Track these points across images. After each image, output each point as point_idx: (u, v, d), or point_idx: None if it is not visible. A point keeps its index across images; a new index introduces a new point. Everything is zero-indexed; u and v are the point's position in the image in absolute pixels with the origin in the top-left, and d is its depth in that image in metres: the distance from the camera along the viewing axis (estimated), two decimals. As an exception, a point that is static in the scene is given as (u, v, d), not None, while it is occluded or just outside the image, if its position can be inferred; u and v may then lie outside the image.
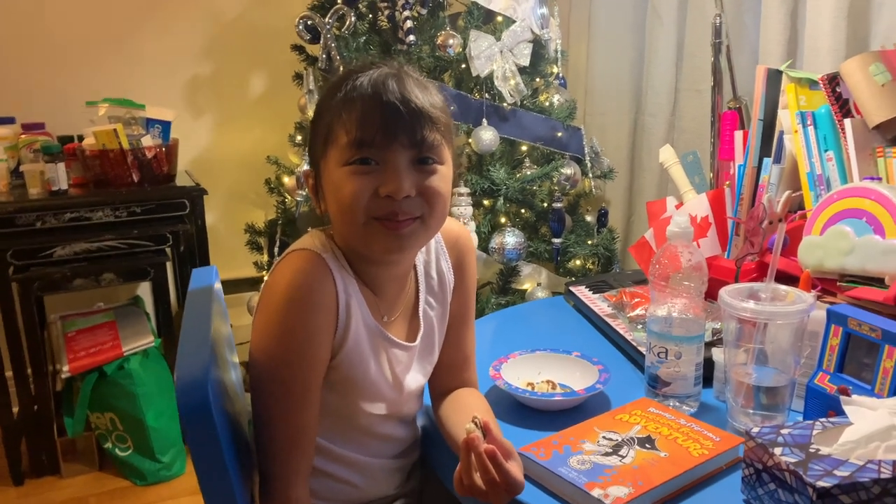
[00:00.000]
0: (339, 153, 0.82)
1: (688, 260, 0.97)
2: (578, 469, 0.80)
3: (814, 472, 0.68)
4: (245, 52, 2.48)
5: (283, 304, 0.82)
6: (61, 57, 2.28)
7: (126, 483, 2.04)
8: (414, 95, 0.81)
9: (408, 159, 0.82)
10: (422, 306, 0.96)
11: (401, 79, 0.82)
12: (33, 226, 1.92)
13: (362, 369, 0.88)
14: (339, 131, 0.82)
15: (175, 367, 0.72)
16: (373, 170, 0.81)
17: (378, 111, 0.80)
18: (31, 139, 2.05)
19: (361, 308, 0.88)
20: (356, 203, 0.81)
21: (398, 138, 0.80)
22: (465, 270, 1.00)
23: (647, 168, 2.35)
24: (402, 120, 0.80)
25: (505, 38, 1.93)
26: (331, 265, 0.85)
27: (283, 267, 0.85)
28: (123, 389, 1.99)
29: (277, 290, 0.82)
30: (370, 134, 0.80)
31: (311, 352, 0.83)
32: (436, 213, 0.85)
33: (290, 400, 0.84)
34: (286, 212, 2.13)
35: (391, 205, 0.81)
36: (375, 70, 0.83)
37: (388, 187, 0.80)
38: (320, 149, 0.85)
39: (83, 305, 2.22)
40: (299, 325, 0.82)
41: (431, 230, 0.87)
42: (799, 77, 1.26)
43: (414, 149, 0.82)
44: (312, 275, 0.83)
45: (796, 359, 0.91)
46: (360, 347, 0.88)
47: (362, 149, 0.81)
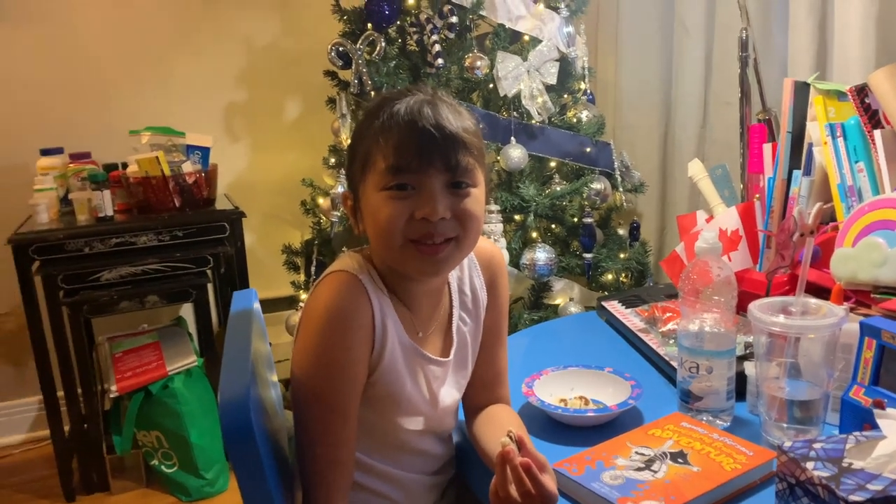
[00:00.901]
0: (376, 178, 0.85)
1: (717, 274, 0.98)
2: (611, 484, 0.81)
3: (846, 486, 0.69)
4: (279, 79, 2.55)
5: (321, 325, 0.85)
6: (105, 89, 2.38)
7: (172, 499, 2.10)
8: (448, 122, 0.84)
9: (442, 183, 0.85)
10: (455, 322, 0.99)
11: (435, 105, 0.85)
12: (81, 251, 2.00)
13: (399, 386, 0.91)
14: (376, 157, 0.85)
15: (219, 388, 0.75)
16: (409, 195, 0.84)
17: (414, 138, 0.83)
18: (78, 168, 2.14)
19: (396, 326, 0.91)
20: (393, 227, 0.84)
21: (433, 163, 0.84)
22: (497, 289, 1.03)
23: (678, 180, 2.35)
24: (437, 146, 0.83)
25: (531, 57, 1.96)
26: (367, 286, 0.88)
27: (321, 288, 0.88)
28: (168, 408, 2.05)
29: (316, 311, 0.86)
30: (406, 160, 0.83)
31: (349, 370, 0.86)
32: (469, 235, 0.88)
33: (329, 417, 0.87)
34: (321, 232, 2.18)
35: (426, 227, 0.84)
36: (411, 97, 0.86)
37: (423, 210, 0.84)
38: (359, 174, 0.89)
39: (129, 327, 2.29)
40: (337, 344, 0.85)
41: (465, 251, 0.90)
42: (827, 89, 1.26)
43: (448, 173, 0.85)
44: (349, 295, 0.87)
45: (829, 372, 0.91)
46: (396, 365, 0.90)
47: (399, 174, 0.84)
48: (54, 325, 2.00)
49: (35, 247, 1.95)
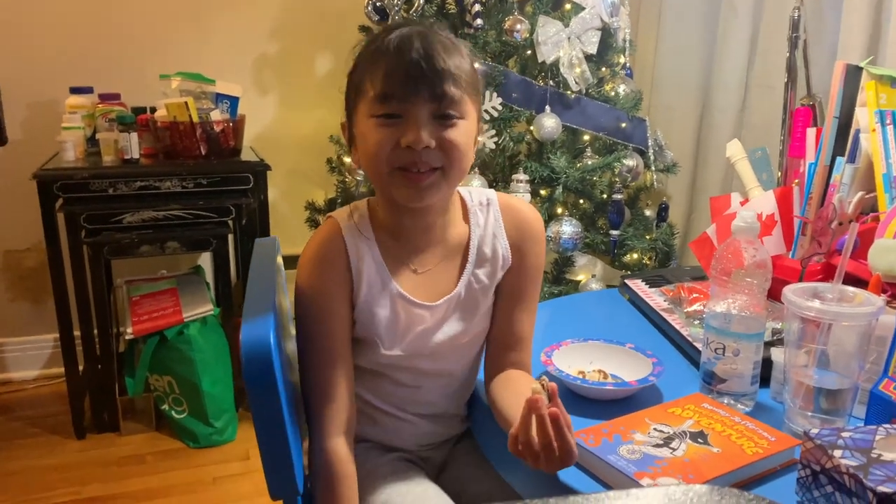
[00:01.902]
0: (366, 105, 0.88)
1: (752, 256, 0.95)
2: (628, 458, 0.79)
3: (875, 476, 0.67)
4: (313, 32, 2.51)
5: (301, 271, 0.94)
6: (138, 31, 2.36)
7: (180, 444, 2.12)
8: (436, 52, 0.86)
9: (428, 112, 0.87)
10: (465, 277, 0.99)
11: (426, 36, 0.87)
12: (106, 192, 2.00)
13: (374, 325, 0.95)
14: (367, 85, 0.88)
15: (241, 323, 0.74)
16: (396, 122, 0.87)
17: (402, 66, 0.85)
18: (106, 109, 2.13)
19: (379, 267, 0.95)
20: (380, 153, 0.87)
21: (420, 92, 0.85)
22: (525, 252, 1.01)
23: (711, 164, 2.30)
24: (424, 75, 0.85)
25: (573, 24, 1.91)
26: (346, 230, 0.94)
27: (310, 238, 0.96)
28: (182, 354, 2.06)
29: (300, 260, 0.95)
30: (393, 88, 0.85)
31: (327, 305, 0.92)
32: (455, 165, 0.89)
33: (318, 357, 0.93)
34: (346, 191, 2.16)
35: (411, 155, 0.87)
36: (406, 28, 0.88)
37: (407, 138, 0.86)
38: (352, 101, 0.92)
39: (147, 272, 2.30)
40: (315, 286, 0.93)
41: (452, 181, 0.91)
42: (880, 74, 1.21)
43: (435, 102, 0.86)
44: (323, 241, 0.94)
45: (860, 363, 0.89)
46: (372, 305, 0.94)
47: (386, 102, 0.86)
48: (74, 264, 2.01)
49: (60, 184, 1.96)
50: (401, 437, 1.05)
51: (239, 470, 2.01)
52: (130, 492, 1.90)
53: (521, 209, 1.02)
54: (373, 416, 1.03)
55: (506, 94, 1.90)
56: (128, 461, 2.04)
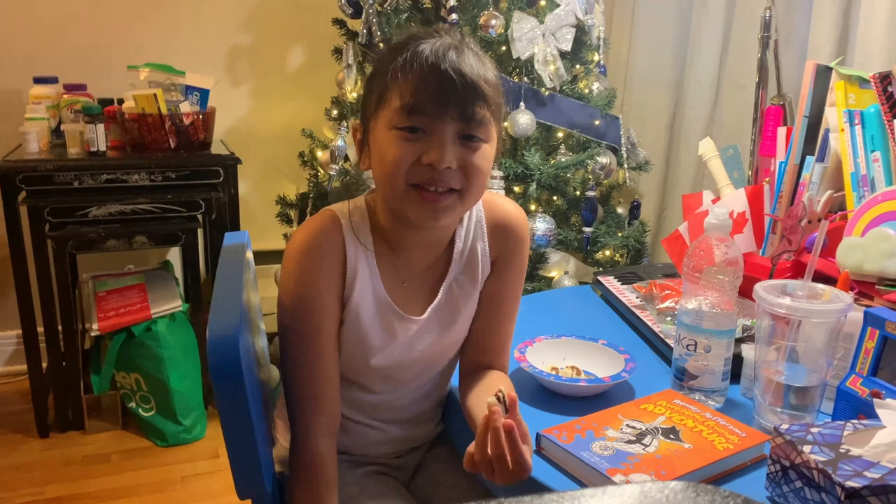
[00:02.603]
0: (389, 115, 0.84)
1: (723, 253, 0.96)
2: (601, 454, 0.79)
3: (843, 472, 0.67)
4: (286, 25, 2.48)
5: (293, 259, 0.88)
6: (105, 20, 2.31)
7: (147, 443, 2.09)
8: (470, 69, 0.82)
9: (454, 132, 0.83)
10: (447, 282, 0.96)
11: (461, 51, 0.83)
12: (71, 185, 1.95)
13: (361, 333, 0.92)
14: (392, 94, 0.83)
15: (208, 318, 0.72)
16: (419, 138, 0.83)
17: (433, 80, 0.81)
18: (72, 100, 2.08)
19: (373, 276, 0.91)
20: (398, 168, 0.83)
21: (448, 110, 0.82)
22: (508, 258, 0.98)
23: (683, 162, 2.32)
24: (456, 92, 0.81)
25: (548, 21, 1.91)
26: (346, 227, 0.90)
27: (301, 226, 0.92)
28: (150, 351, 2.02)
29: (291, 247, 0.89)
30: (422, 102, 0.81)
31: (319, 303, 0.88)
32: (473, 189, 0.86)
33: (304, 350, 0.89)
34: (318, 186, 2.14)
35: (430, 173, 0.83)
36: (438, 39, 0.84)
37: (430, 156, 0.82)
38: (372, 107, 0.87)
39: (114, 267, 2.26)
40: (306, 277, 0.88)
41: (467, 204, 0.88)
42: (849, 74, 1.22)
43: (462, 122, 0.83)
44: (322, 232, 0.89)
45: (829, 360, 0.90)
46: (361, 313, 0.91)
47: (412, 115, 0.82)
48: (38, 258, 1.96)
49: (23, 176, 1.91)
50: (372, 444, 1.02)
51: (208, 468, 1.98)
52: (95, 491, 1.86)
53: (506, 209, 0.99)
54: (342, 425, 0.98)
55: (480, 89, 1.89)
56: (93, 460, 1.99)
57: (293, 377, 0.90)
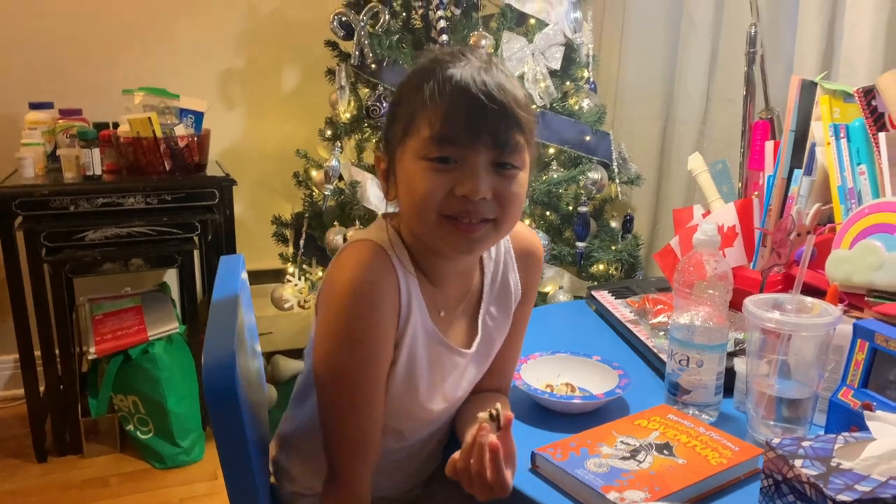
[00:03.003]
0: (418, 145, 0.79)
1: (713, 268, 0.97)
2: (595, 472, 0.80)
3: (835, 485, 0.68)
4: (279, 46, 2.51)
5: (346, 299, 0.80)
6: (100, 45, 2.33)
7: (146, 465, 2.08)
8: (503, 95, 0.77)
9: (488, 161, 0.79)
10: (482, 314, 0.93)
11: (490, 73, 0.78)
12: (67, 209, 1.96)
13: (417, 369, 0.87)
14: (421, 122, 0.79)
15: (203, 348, 0.73)
16: (451, 168, 0.78)
17: (464, 107, 0.77)
18: (67, 125, 2.09)
19: (420, 307, 0.86)
20: (430, 201, 0.78)
21: (481, 138, 0.77)
22: (530, 284, 0.98)
23: (674, 176, 2.34)
24: (487, 118, 0.77)
25: (537, 40, 1.93)
26: (394, 260, 0.83)
27: (345, 259, 0.83)
28: (147, 373, 2.02)
29: (341, 284, 0.80)
30: (454, 130, 0.77)
31: (376, 347, 0.82)
32: (508, 219, 0.82)
33: (356, 398, 0.83)
34: (313, 205, 2.15)
35: (465, 204, 0.78)
36: (465, 62, 0.79)
37: (464, 188, 0.78)
38: (398, 137, 0.82)
39: (111, 290, 2.26)
40: (364, 320, 0.80)
41: (502, 234, 0.85)
42: (833, 89, 1.24)
43: (496, 150, 0.78)
44: (376, 267, 0.81)
45: (820, 372, 0.91)
46: (417, 348, 0.86)
47: (443, 145, 0.77)
48: (35, 282, 1.96)
49: (19, 201, 1.91)
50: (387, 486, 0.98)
51: (206, 490, 1.98)
52: (94, 516, 1.86)
53: (528, 237, 0.97)
54: None
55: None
56: (91, 484, 1.99)
57: (341, 424, 0.84)
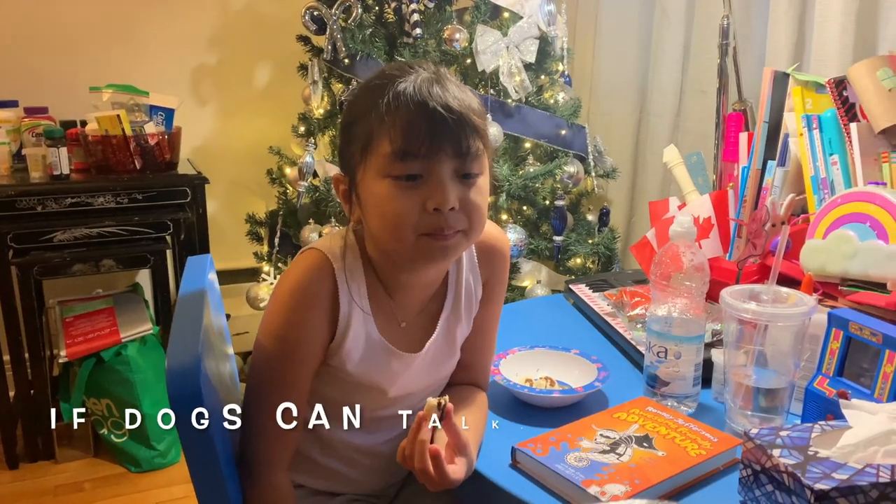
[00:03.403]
0: (380, 162, 0.79)
1: (690, 260, 0.97)
2: (576, 466, 0.80)
3: (812, 474, 0.68)
4: (250, 42, 2.47)
5: (283, 301, 0.85)
6: (66, 41, 2.27)
7: (121, 469, 2.04)
8: (457, 103, 0.79)
9: (451, 170, 0.80)
10: (444, 316, 0.94)
11: (443, 85, 0.80)
12: (34, 210, 1.92)
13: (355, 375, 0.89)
14: (380, 139, 0.79)
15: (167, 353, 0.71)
16: (417, 185, 0.79)
17: (424, 120, 0.77)
18: (33, 123, 2.05)
19: (366, 319, 0.88)
20: (405, 220, 0.79)
21: (443, 149, 0.78)
22: (496, 280, 0.98)
23: (650, 168, 2.35)
24: (448, 129, 0.78)
25: (511, 33, 1.92)
26: (338, 271, 0.85)
27: (292, 265, 0.88)
28: (120, 376, 1.98)
29: (281, 287, 0.86)
30: (415, 144, 0.77)
31: (304, 348, 0.86)
32: (476, 227, 0.84)
33: (282, 391, 0.86)
34: (288, 203, 2.12)
35: (438, 219, 0.80)
36: (415, 74, 0.80)
37: (435, 201, 0.78)
38: (357, 156, 0.82)
39: (82, 291, 2.21)
40: (296, 321, 0.85)
41: (472, 241, 0.86)
42: (806, 80, 1.25)
43: (458, 159, 0.79)
44: (314, 276, 0.85)
45: (796, 362, 0.91)
46: (356, 356, 0.88)
47: (406, 159, 0.78)
48: (2, 285, 1.92)
49: (-17, 202, 1.87)
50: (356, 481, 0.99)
51: (183, 493, 1.95)
52: (68, 522, 1.82)
53: (492, 233, 0.97)
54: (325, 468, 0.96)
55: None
56: (65, 490, 1.95)
57: (263, 413, 0.86)
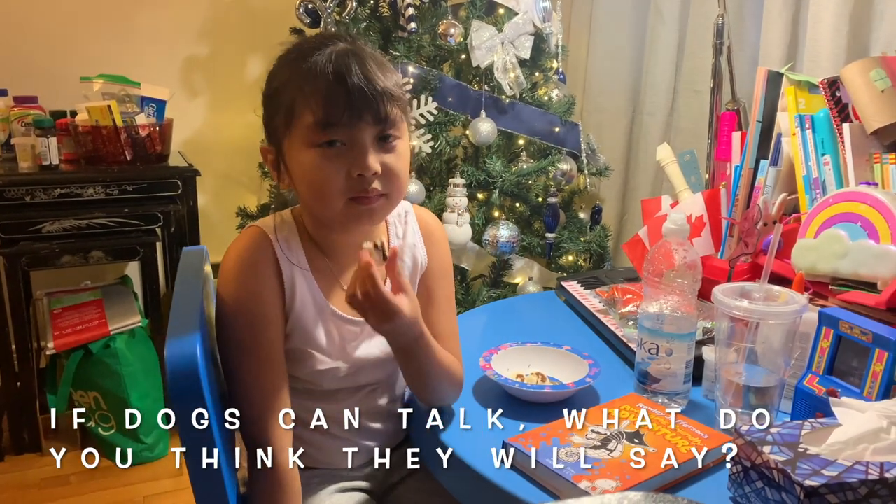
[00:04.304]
0: (304, 133, 0.84)
1: (682, 257, 0.97)
2: (566, 461, 0.80)
3: (802, 471, 0.69)
4: (243, 34, 2.45)
5: (230, 276, 0.89)
6: (57, 30, 2.25)
7: (108, 463, 2.03)
8: (375, 73, 0.84)
9: (372, 136, 0.85)
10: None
11: (361, 56, 0.84)
12: (22, 200, 1.90)
13: (308, 341, 0.92)
14: (302, 110, 0.84)
15: (165, 343, 0.71)
16: (341, 151, 0.84)
17: (343, 91, 0.82)
18: (23, 112, 2.03)
19: (309, 284, 0.92)
20: (331, 186, 0.85)
21: (363, 117, 0.83)
22: (441, 258, 1.03)
23: (642, 167, 2.35)
24: (367, 99, 0.83)
25: (506, 29, 1.92)
26: (275, 243, 0.91)
27: (233, 243, 0.92)
28: (108, 368, 1.97)
29: (226, 265, 0.90)
30: (336, 115, 0.82)
31: (264, 314, 0.89)
32: (398, 191, 0.90)
33: (256, 364, 0.88)
34: (279, 196, 2.11)
35: (362, 183, 0.85)
36: (332, 46, 0.85)
37: (358, 167, 0.84)
38: (282, 127, 0.87)
39: (70, 283, 2.19)
40: (248, 291, 0.88)
41: (394, 203, 0.92)
42: (799, 80, 1.26)
43: (378, 125, 0.85)
44: (254, 248, 0.90)
45: (787, 360, 0.92)
46: (306, 322, 0.92)
47: (328, 129, 0.83)
48: (-11, 276, 1.90)
49: (-29, 192, 1.85)
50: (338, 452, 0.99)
51: (171, 487, 1.94)
52: (54, 515, 1.81)
53: (426, 218, 1.05)
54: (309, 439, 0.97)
55: (441, 98, 1.90)
56: (51, 483, 1.93)
57: (244, 391, 0.88)
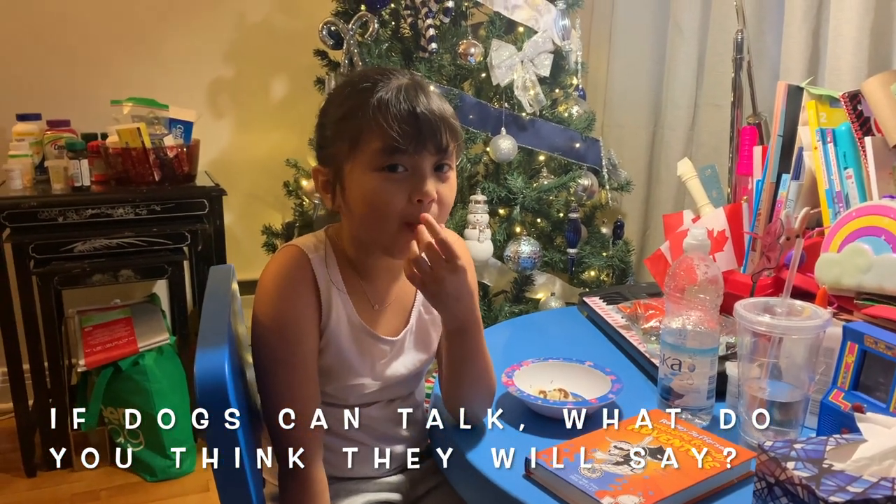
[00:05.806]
0: (369, 157, 0.88)
1: (704, 273, 0.97)
2: (589, 477, 0.80)
3: (827, 487, 0.68)
4: (268, 56, 2.51)
5: (268, 292, 0.92)
6: (88, 56, 2.32)
7: (136, 479, 2.06)
8: (438, 107, 0.90)
9: (431, 164, 0.90)
10: (416, 308, 1.03)
11: (425, 90, 0.91)
12: (55, 221, 1.95)
13: (342, 359, 0.96)
14: (370, 137, 0.88)
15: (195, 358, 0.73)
16: (403, 177, 0.89)
17: (412, 121, 0.87)
18: (55, 136, 2.08)
19: (345, 303, 0.95)
20: (391, 209, 0.89)
21: (427, 146, 0.88)
22: None
23: (664, 181, 2.35)
24: (432, 129, 0.88)
25: (526, 48, 1.94)
26: (313, 261, 0.94)
27: (271, 260, 0.95)
28: (137, 385, 2.01)
29: (264, 281, 0.93)
30: (406, 143, 0.87)
31: (300, 328, 0.92)
32: (443, 219, 0.94)
33: (292, 378, 0.91)
34: (304, 214, 2.14)
35: (420, 208, 0.89)
36: (394, 79, 0.90)
37: (419, 192, 0.88)
38: (345, 151, 0.91)
39: (100, 301, 2.24)
40: (285, 306, 0.91)
41: None
42: (820, 94, 1.26)
43: (437, 154, 0.90)
44: (293, 265, 0.93)
45: (811, 375, 0.91)
46: (341, 340, 0.95)
47: (395, 155, 0.88)
48: (23, 295, 1.95)
49: (6, 213, 1.90)
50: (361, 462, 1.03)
51: (198, 502, 1.96)
52: (84, 530, 1.84)
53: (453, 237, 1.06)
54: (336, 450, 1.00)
55: (462, 116, 1.92)
56: (81, 498, 1.97)
57: (282, 404, 0.90)
